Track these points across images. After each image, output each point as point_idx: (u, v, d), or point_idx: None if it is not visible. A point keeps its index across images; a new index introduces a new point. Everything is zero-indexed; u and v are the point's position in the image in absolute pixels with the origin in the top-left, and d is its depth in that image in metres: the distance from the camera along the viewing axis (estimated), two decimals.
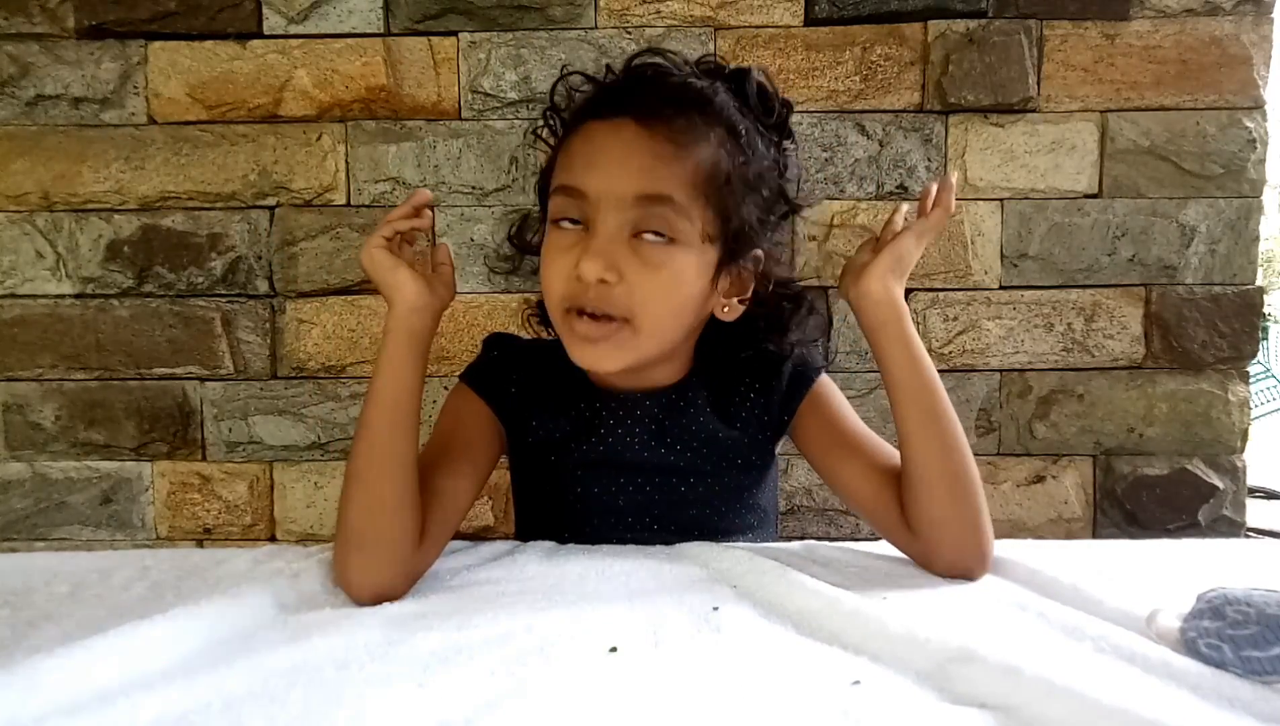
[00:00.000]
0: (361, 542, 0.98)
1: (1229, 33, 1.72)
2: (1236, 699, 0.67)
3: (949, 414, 1.05)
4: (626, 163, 1.02)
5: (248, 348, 1.77)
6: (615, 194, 1.02)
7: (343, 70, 1.73)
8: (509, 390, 1.20)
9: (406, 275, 1.02)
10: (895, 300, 1.06)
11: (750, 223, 1.09)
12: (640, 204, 1.01)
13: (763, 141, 1.11)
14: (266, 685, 0.73)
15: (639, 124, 1.03)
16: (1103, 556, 1.14)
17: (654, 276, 1.03)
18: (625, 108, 1.05)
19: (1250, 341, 1.76)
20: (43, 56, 1.74)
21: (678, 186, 1.02)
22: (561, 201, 1.06)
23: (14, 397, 1.78)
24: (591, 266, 1.00)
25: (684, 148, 1.03)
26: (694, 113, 1.04)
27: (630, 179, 1.02)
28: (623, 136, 1.04)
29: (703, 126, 1.04)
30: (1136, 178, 1.74)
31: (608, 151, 1.04)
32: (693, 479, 1.18)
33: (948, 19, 1.72)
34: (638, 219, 1.02)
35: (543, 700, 0.70)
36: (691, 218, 1.03)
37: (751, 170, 1.08)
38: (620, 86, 1.11)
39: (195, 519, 1.79)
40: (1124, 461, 1.77)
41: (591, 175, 1.03)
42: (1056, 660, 0.72)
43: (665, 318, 1.06)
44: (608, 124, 1.05)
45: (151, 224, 1.75)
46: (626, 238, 1.02)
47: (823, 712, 0.67)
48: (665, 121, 1.03)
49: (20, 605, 0.98)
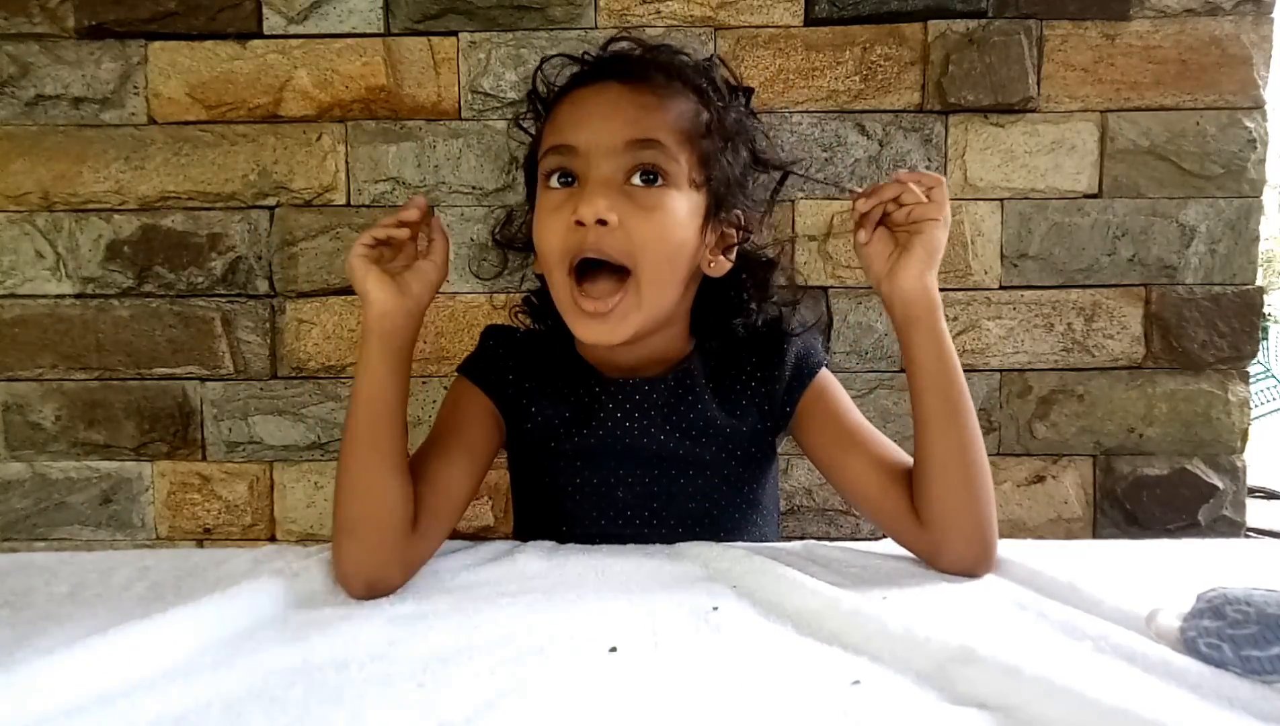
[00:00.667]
0: (351, 529, 1.00)
1: (1229, 33, 1.72)
2: (1236, 698, 0.67)
3: (970, 407, 1.06)
4: (614, 115, 1.08)
5: (248, 348, 1.77)
6: (606, 143, 1.06)
7: (343, 70, 1.73)
8: (506, 378, 1.20)
9: (374, 281, 1.04)
10: (932, 295, 1.08)
11: (731, 176, 1.14)
12: (630, 149, 1.06)
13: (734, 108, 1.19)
14: (266, 685, 0.73)
15: (622, 83, 1.10)
16: (1102, 556, 1.14)
17: (649, 217, 1.06)
18: (608, 73, 1.13)
19: (1250, 341, 1.76)
20: (42, 56, 1.74)
21: (664, 131, 1.07)
22: (552, 160, 1.10)
23: (14, 397, 1.78)
24: (589, 207, 1.03)
25: (666, 99, 1.09)
26: (672, 76, 1.12)
27: (619, 127, 1.06)
28: (609, 94, 1.10)
29: (680, 85, 1.12)
30: (1136, 178, 1.74)
31: (596, 107, 1.10)
32: (692, 470, 1.19)
33: (948, 19, 1.72)
34: (629, 164, 1.06)
35: (543, 700, 0.70)
36: (679, 161, 1.08)
37: (728, 125, 1.15)
38: (602, 58, 1.19)
39: (195, 519, 1.79)
40: (1124, 461, 1.77)
41: (581, 130, 1.08)
42: (1056, 660, 0.72)
43: (663, 262, 1.08)
44: (592, 87, 1.12)
45: (151, 224, 1.75)
46: (620, 184, 1.06)
47: (822, 712, 0.67)
48: (647, 79, 1.10)
49: (20, 605, 0.98)
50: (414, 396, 1.76)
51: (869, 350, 1.75)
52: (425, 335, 1.75)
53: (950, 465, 1.04)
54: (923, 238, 1.07)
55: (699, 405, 1.18)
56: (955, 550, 1.03)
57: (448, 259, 1.11)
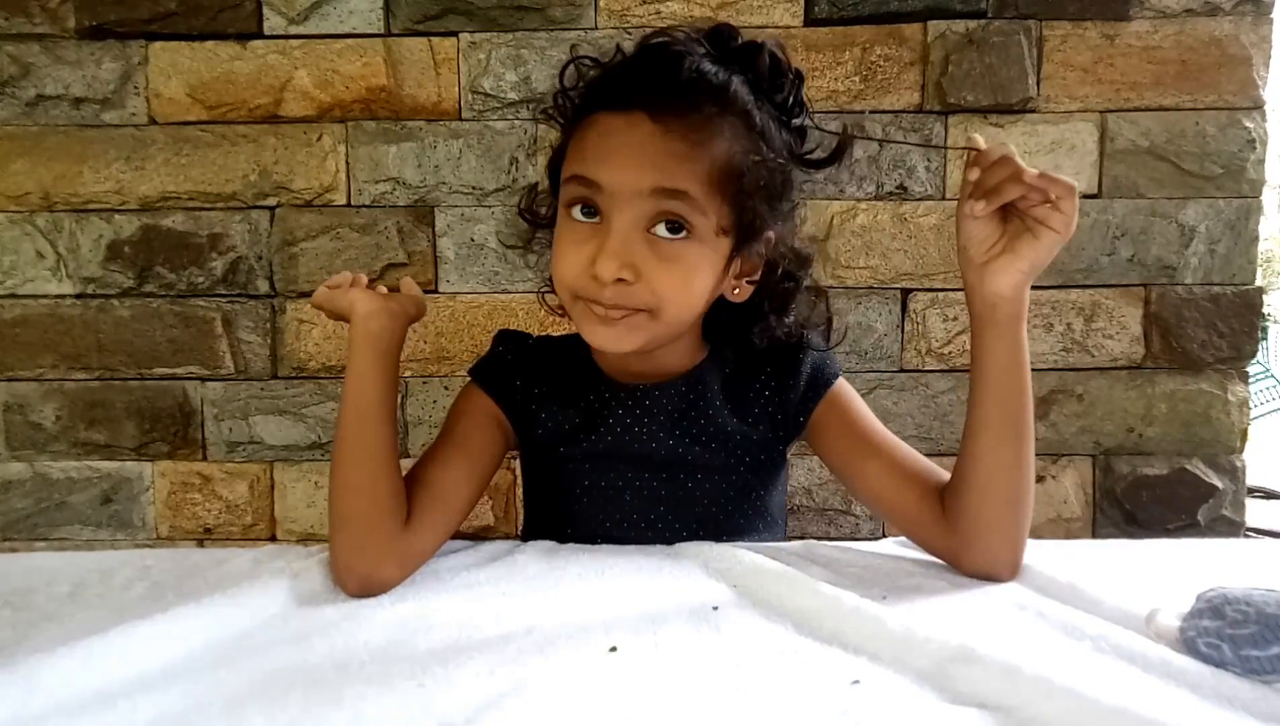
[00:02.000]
0: (342, 524, 1.01)
1: (1228, 33, 1.72)
2: (1236, 698, 0.67)
3: (1029, 424, 1.01)
4: (642, 159, 1.01)
5: (248, 347, 1.77)
6: (631, 188, 1.01)
7: (343, 70, 1.73)
8: (514, 384, 1.20)
9: (358, 294, 1.06)
10: (1023, 302, 1.00)
11: (762, 213, 1.07)
12: (656, 197, 1.00)
13: (775, 124, 1.09)
14: (266, 685, 0.73)
15: (653, 119, 1.01)
16: (1102, 556, 1.14)
17: (670, 272, 1.02)
18: (637, 100, 1.03)
19: (1250, 341, 1.76)
20: (43, 57, 1.74)
21: (693, 182, 1.01)
22: (575, 189, 1.05)
23: (14, 397, 1.78)
24: (608, 266, 1.00)
25: (699, 145, 1.01)
26: (708, 104, 1.02)
27: (645, 174, 1.00)
28: (638, 132, 1.02)
29: (717, 120, 1.02)
30: (1136, 178, 1.74)
31: (622, 146, 1.02)
32: (700, 475, 1.18)
33: (947, 19, 1.72)
34: (653, 212, 1.01)
35: (543, 700, 0.70)
36: (707, 212, 1.02)
37: (766, 160, 1.06)
38: (631, 74, 1.08)
39: (196, 519, 1.79)
40: (1123, 461, 1.77)
41: (605, 168, 1.02)
42: (1056, 659, 0.72)
43: (682, 310, 1.06)
44: (621, 117, 1.03)
45: (152, 224, 1.75)
46: (642, 233, 1.02)
47: (822, 712, 0.67)
48: (680, 116, 1.01)
49: (21, 605, 0.98)
50: (414, 396, 1.76)
51: (869, 350, 1.75)
52: (425, 335, 1.75)
53: (996, 479, 1.01)
54: (1038, 245, 0.95)
55: (710, 411, 1.18)
56: (983, 559, 1.01)
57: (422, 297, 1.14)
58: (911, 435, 1.76)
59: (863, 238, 1.74)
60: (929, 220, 1.73)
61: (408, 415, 1.77)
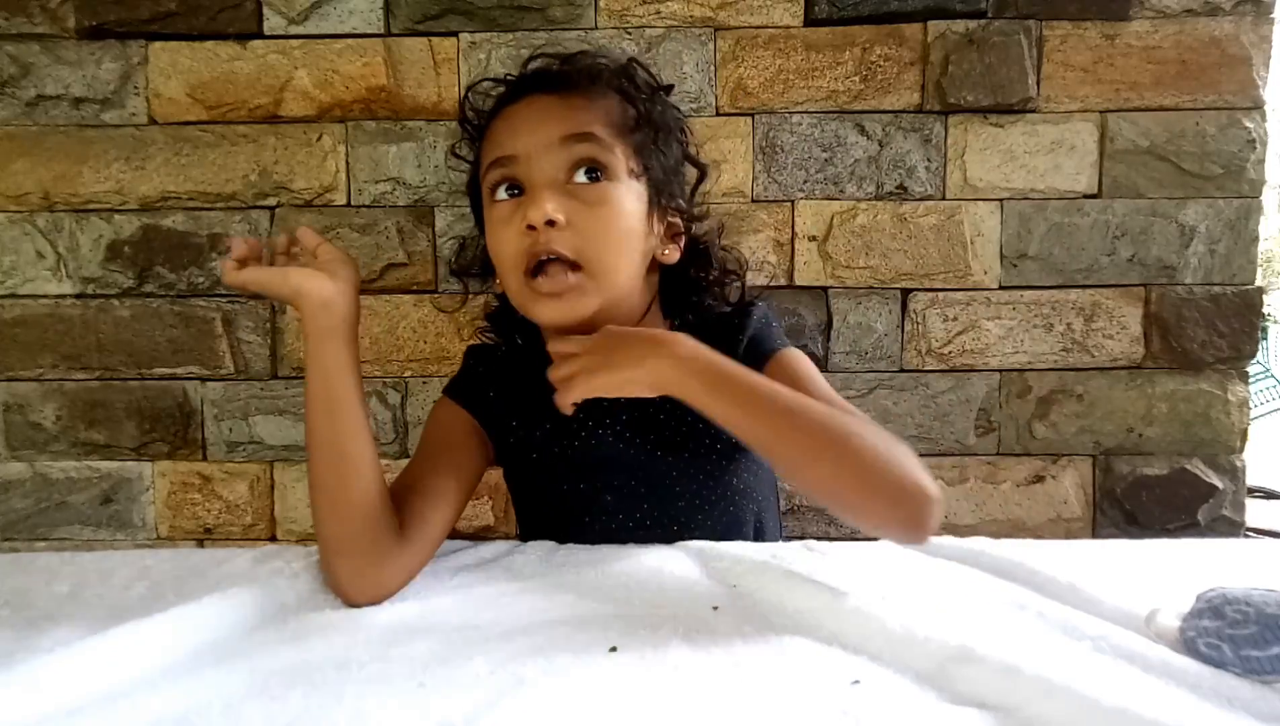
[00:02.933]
0: (339, 547, 1.00)
1: (1229, 33, 1.72)
2: (1236, 698, 0.68)
3: (808, 426, 0.97)
4: (546, 117, 1.12)
5: (248, 347, 1.77)
6: (541, 143, 1.10)
7: (343, 70, 1.73)
8: (488, 396, 1.23)
9: (298, 273, 1.00)
10: (675, 375, 1.01)
11: (667, 165, 1.19)
12: (566, 144, 1.10)
13: (658, 103, 1.23)
14: (266, 685, 0.73)
15: (548, 92, 1.15)
16: (1102, 556, 1.14)
17: (596, 213, 1.10)
18: (533, 87, 1.18)
19: (1250, 341, 1.76)
20: (43, 57, 1.74)
21: (596, 125, 1.11)
22: (495, 173, 1.14)
23: (14, 397, 1.78)
24: (537, 211, 1.06)
25: (592, 97, 1.14)
26: (594, 75, 1.18)
27: (553, 126, 1.11)
28: (538, 103, 1.15)
29: (603, 87, 1.17)
30: (1136, 178, 1.74)
31: (526, 116, 1.14)
32: (675, 471, 1.20)
33: (947, 19, 1.72)
34: (568, 160, 1.10)
35: (543, 700, 0.70)
36: (615, 152, 1.12)
37: (655, 117, 1.19)
38: (524, 75, 1.23)
39: (196, 519, 1.79)
40: (1123, 461, 1.77)
41: (517, 137, 1.12)
42: (1056, 660, 0.72)
43: (612, 253, 1.12)
44: (521, 101, 1.17)
45: (152, 224, 1.75)
46: (562, 183, 1.10)
47: (822, 712, 0.67)
48: (572, 85, 1.15)
49: (21, 605, 0.99)
50: (414, 396, 1.76)
51: (869, 350, 1.75)
52: (426, 335, 1.75)
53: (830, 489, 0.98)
54: None
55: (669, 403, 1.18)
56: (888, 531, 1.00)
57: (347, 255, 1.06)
58: (912, 435, 1.75)
59: (862, 238, 1.74)
60: (929, 220, 1.73)
61: (408, 415, 1.77)
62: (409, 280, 1.75)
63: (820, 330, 1.75)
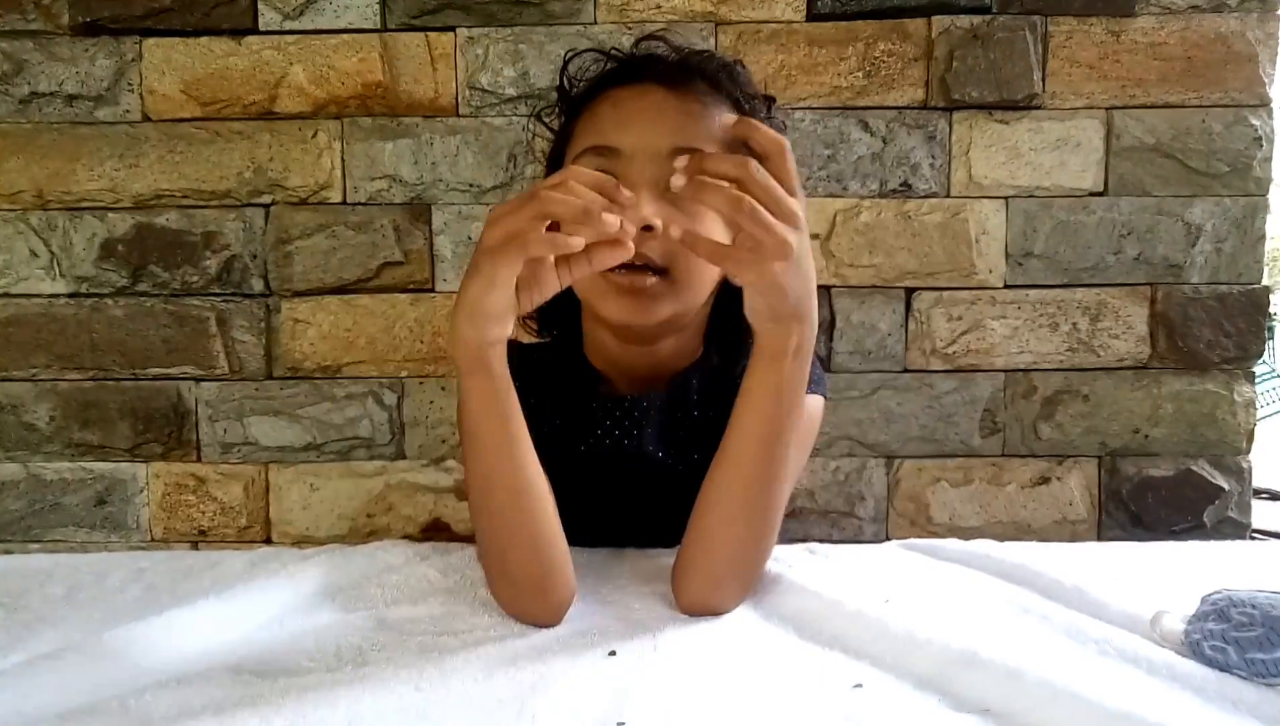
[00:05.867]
0: (538, 586, 0.94)
1: (1235, 30, 1.71)
2: (1241, 701, 0.68)
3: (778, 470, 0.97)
4: (659, 120, 1.05)
5: (243, 347, 1.76)
6: (651, 148, 1.03)
7: (339, 66, 1.72)
8: (523, 395, 1.20)
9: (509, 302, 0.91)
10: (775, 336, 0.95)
11: None
12: (675, 156, 0.98)
13: (766, 116, 1.15)
14: (262, 688, 0.73)
15: (665, 87, 1.07)
16: (1107, 558, 1.14)
17: (691, 222, 1.00)
18: (647, 74, 1.09)
19: (1256, 341, 1.74)
20: (37, 53, 1.73)
21: (707, 141, 1.04)
22: (590, 161, 1.05)
23: (8, 398, 1.76)
24: (636, 214, 0.96)
25: (708, 107, 1.06)
26: (712, 79, 1.09)
27: (664, 134, 1.04)
28: (651, 98, 1.07)
29: (717, 90, 1.09)
30: (1142, 176, 1.72)
31: (639, 111, 1.07)
32: (690, 478, 1.18)
33: (952, 15, 1.71)
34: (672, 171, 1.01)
35: (543, 702, 0.70)
36: None
37: None
38: (638, 57, 1.15)
39: (190, 520, 1.78)
40: (1129, 462, 1.76)
41: (625, 132, 1.05)
42: (1060, 663, 0.72)
43: (701, 265, 1.06)
44: (633, 89, 1.09)
45: (146, 222, 1.74)
46: (661, 190, 1.02)
47: (824, 716, 0.67)
48: (688, 84, 1.07)
49: (15, 607, 0.99)
50: (409, 396, 1.75)
51: (872, 350, 1.74)
52: (423, 335, 1.74)
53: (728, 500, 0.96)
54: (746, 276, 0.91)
55: (695, 413, 1.18)
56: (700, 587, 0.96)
57: None
58: (916, 437, 1.74)
59: (866, 236, 1.73)
60: (933, 218, 1.72)
61: (404, 416, 1.75)
62: (405, 279, 1.74)
63: (823, 330, 1.73)
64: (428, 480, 1.75)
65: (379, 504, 1.76)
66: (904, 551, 1.15)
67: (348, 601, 0.99)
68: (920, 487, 1.76)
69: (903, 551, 1.15)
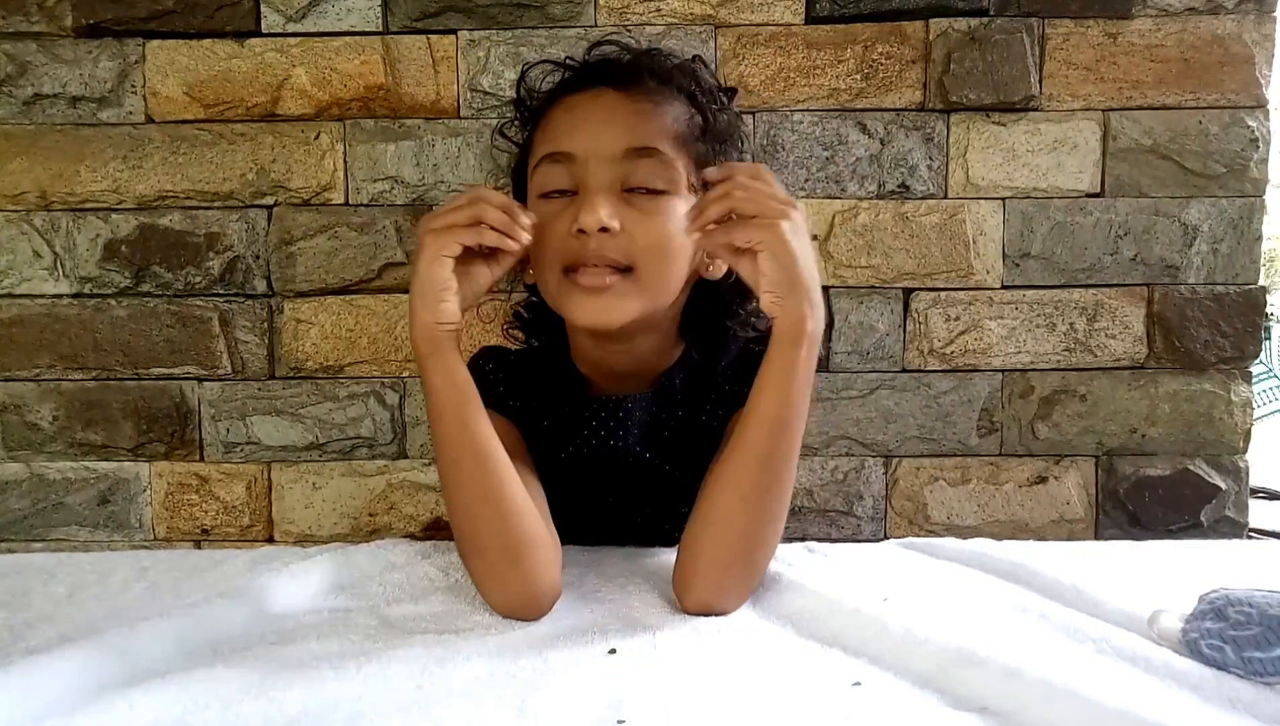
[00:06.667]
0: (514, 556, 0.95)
1: (1231, 32, 1.71)
2: (1239, 700, 0.68)
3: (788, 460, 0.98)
4: (611, 121, 1.06)
5: (245, 348, 1.76)
6: (604, 151, 1.04)
7: (341, 69, 1.72)
8: (508, 399, 1.20)
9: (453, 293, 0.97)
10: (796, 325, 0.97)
11: None
12: (629, 157, 1.05)
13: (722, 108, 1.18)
14: (265, 685, 0.73)
15: (617, 90, 1.09)
16: (1104, 557, 1.14)
17: (650, 222, 1.04)
18: (599, 78, 1.11)
19: (1253, 341, 1.75)
20: (40, 55, 1.73)
21: (661, 139, 1.06)
22: (547, 170, 1.08)
23: (11, 398, 1.77)
24: (592, 216, 1.01)
25: (660, 105, 1.08)
26: (664, 76, 1.12)
27: (617, 135, 1.05)
28: (603, 100, 1.09)
29: (672, 89, 1.11)
30: (1139, 177, 1.73)
31: (591, 114, 1.08)
32: (678, 475, 1.19)
33: (949, 17, 1.71)
34: (627, 173, 1.05)
35: (542, 701, 0.70)
36: (676, 168, 1.06)
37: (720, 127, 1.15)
38: (591, 64, 1.17)
39: (193, 519, 1.78)
40: (1126, 462, 1.77)
41: (578, 137, 1.06)
42: (1058, 662, 0.72)
43: (664, 264, 1.07)
44: (586, 94, 1.11)
45: (149, 223, 1.75)
46: (618, 192, 1.05)
47: (823, 715, 0.67)
48: (640, 84, 1.09)
49: (18, 606, 0.99)
50: (411, 396, 1.76)
51: (870, 350, 1.75)
52: None
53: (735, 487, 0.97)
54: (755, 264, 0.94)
55: (680, 412, 1.19)
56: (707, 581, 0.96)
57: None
58: (914, 436, 1.75)
59: (864, 237, 1.73)
60: (931, 219, 1.73)
61: (405, 416, 1.76)
62: (407, 279, 1.73)
63: None
64: (429, 479, 1.76)
65: (381, 503, 1.77)
66: (902, 550, 1.15)
67: (349, 599, 0.99)
68: (918, 487, 1.77)
69: (901, 550, 1.15)
